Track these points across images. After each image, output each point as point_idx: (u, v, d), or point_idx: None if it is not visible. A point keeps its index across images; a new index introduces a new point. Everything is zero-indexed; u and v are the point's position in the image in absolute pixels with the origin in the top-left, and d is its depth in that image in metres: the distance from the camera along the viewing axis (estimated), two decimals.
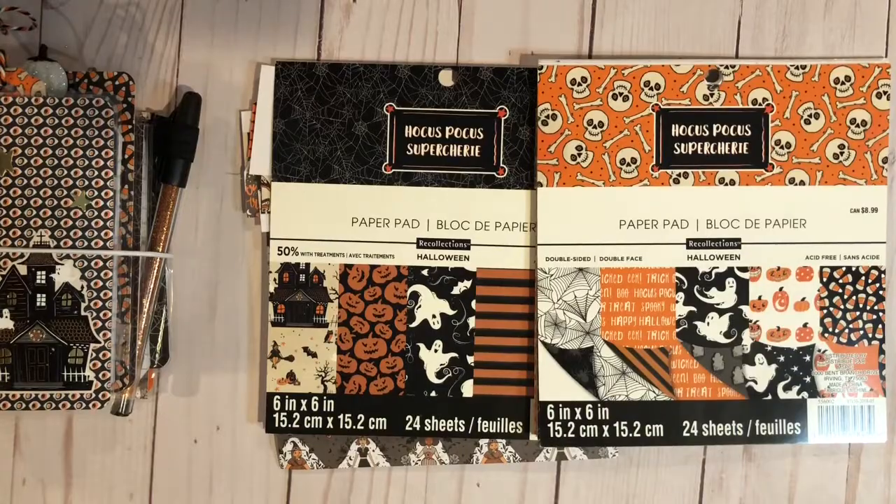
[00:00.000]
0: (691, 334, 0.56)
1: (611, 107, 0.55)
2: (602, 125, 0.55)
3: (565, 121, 0.55)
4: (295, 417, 0.56)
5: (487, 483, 0.57)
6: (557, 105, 0.55)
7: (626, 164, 0.55)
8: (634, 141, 0.55)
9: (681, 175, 0.55)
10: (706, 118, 0.56)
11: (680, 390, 0.55)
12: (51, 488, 0.57)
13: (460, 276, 0.57)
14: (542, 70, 0.56)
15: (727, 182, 0.56)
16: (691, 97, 0.56)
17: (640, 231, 0.55)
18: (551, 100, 0.56)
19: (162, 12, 0.58)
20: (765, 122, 0.56)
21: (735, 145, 0.56)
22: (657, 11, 0.58)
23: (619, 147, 0.55)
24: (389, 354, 0.56)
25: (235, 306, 0.57)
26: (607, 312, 0.55)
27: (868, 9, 0.58)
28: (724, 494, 0.57)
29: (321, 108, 0.57)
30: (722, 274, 0.56)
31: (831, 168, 0.56)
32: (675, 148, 0.56)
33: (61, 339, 0.53)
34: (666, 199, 0.56)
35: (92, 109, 0.53)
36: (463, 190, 0.57)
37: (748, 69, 0.56)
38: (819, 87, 0.56)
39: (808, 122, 0.55)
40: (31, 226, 0.53)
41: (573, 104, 0.55)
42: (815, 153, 0.56)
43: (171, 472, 0.57)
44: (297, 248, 0.56)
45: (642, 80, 0.55)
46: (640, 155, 0.55)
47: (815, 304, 0.56)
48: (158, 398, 0.57)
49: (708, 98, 0.56)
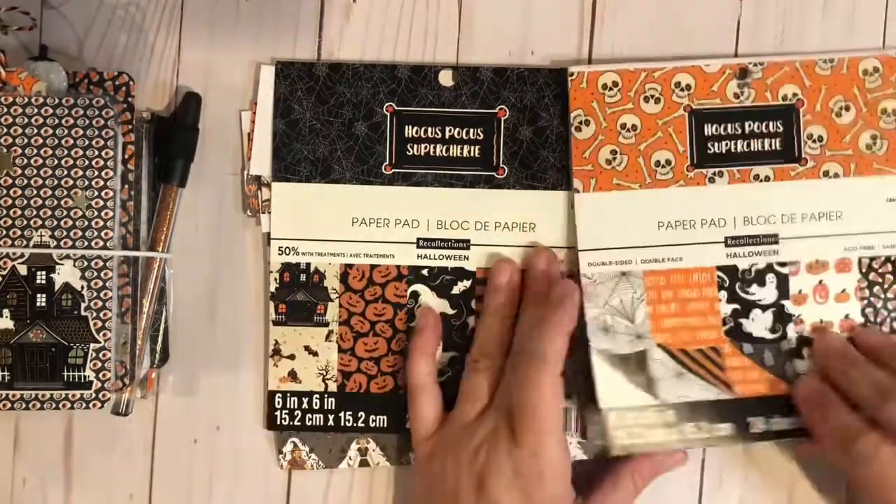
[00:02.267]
0: (738, 332, 0.55)
1: (643, 109, 0.55)
2: (635, 128, 0.55)
3: (598, 126, 0.55)
4: (296, 415, 0.56)
5: None
6: (590, 111, 0.55)
7: (661, 165, 0.55)
8: (668, 142, 0.56)
9: (716, 174, 0.55)
10: (738, 116, 0.56)
11: (738, 388, 0.55)
12: (51, 488, 0.57)
13: (460, 276, 0.57)
14: (573, 76, 0.56)
15: (762, 178, 0.56)
16: (722, 96, 0.56)
17: (678, 232, 0.55)
18: (584, 106, 0.56)
19: (162, 12, 0.58)
20: (796, 118, 0.56)
21: (768, 142, 0.56)
22: (657, 11, 0.58)
23: (653, 149, 0.55)
24: (390, 353, 0.56)
25: (235, 306, 0.57)
26: (655, 315, 0.55)
27: (866, 8, 0.58)
28: (723, 494, 0.57)
29: (321, 108, 0.57)
30: (762, 270, 0.56)
31: (865, 159, 0.56)
32: (709, 147, 0.56)
33: (61, 339, 0.53)
34: (702, 199, 0.56)
35: (92, 109, 0.53)
36: (463, 190, 0.57)
37: (777, 66, 0.56)
38: (848, 80, 0.56)
39: (840, 114, 0.56)
40: (31, 226, 0.53)
41: (605, 108, 0.55)
42: (847, 145, 0.56)
43: (171, 472, 0.57)
44: (298, 248, 0.56)
45: (673, 82, 0.55)
46: (674, 156, 0.55)
47: (855, 295, 0.56)
48: (158, 398, 0.57)
49: (738, 96, 0.56)
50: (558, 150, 0.56)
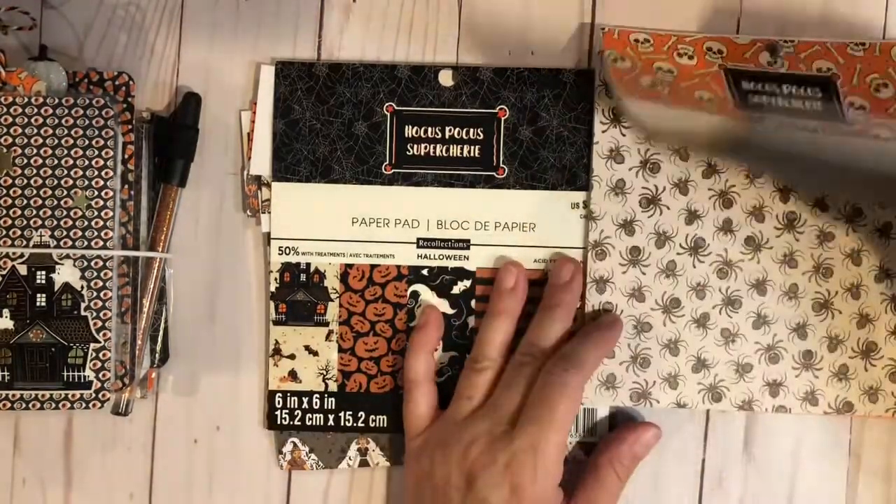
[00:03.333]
0: None
1: (677, 62, 0.55)
2: (672, 72, 0.55)
3: (634, 64, 0.55)
4: (296, 415, 0.56)
5: None
6: (625, 53, 0.55)
7: (704, 100, 0.54)
8: (707, 87, 0.55)
9: (758, 121, 0.54)
10: (776, 78, 0.55)
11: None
12: (51, 488, 0.57)
13: (460, 276, 0.57)
14: (605, 30, 0.56)
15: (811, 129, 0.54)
16: (755, 63, 0.55)
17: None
18: (617, 48, 0.55)
19: (162, 12, 0.58)
20: (834, 88, 0.55)
21: (810, 103, 0.55)
22: (657, 11, 0.58)
23: (693, 88, 0.55)
24: (390, 353, 0.56)
25: (236, 306, 0.57)
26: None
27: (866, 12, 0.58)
28: (723, 494, 0.57)
29: (321, 108, 0.57)
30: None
31: None
32: (750, 98, 0.55)
33: (61, 339, 0.53)
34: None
35: (92, 109, 0.53)
36: (463, 190, 0.57)
37: (807, 44, 0.55)
38: (882, 61, 0.55)
39: (878, 90, 0.55)
40: (31, 226, 0.53)
41: (640, 56, 0.55)
42: (892, 115, 0.54)
43: (171, 472, 0.57)
44: (298, 248, 0.56)
45: (705, 46, 0.55)
46: (716, 97, 0.54)
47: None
48: (158, 398, 0.57)
49: (772, 65, 0.55)
50: (558, 150, 0.56)
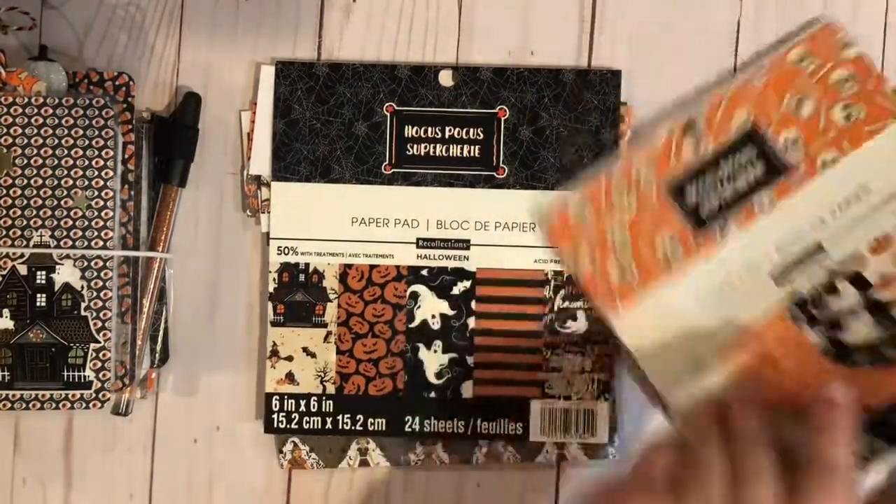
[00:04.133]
0: None
1: (623, 207, 0.56)
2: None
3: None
4: (294, 418, 0.56)
5: (487, 483, 0.57)
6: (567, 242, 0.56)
7: (667, 246, 0.55)
8: (660, 224, 0.56)
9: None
10: (711, 164, 0.56)
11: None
12: (51, 488, 0.57)
13: (460, 277, 0.57)
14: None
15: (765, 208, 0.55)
16: (681, 160, 0.56)
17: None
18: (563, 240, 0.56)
19: (162, 12, 0.58)
20: (759, 138, 0.55)
21: (749, 170, 0.55)
22: (657, 11, 0.57)
23: (650, 234, 0.56)
24: (389, 355, 0.56)
25: (235, 306, 0.57)
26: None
27: (867, 8, 0.58)
28: None
29: (321, 108, 0.57)
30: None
31: (854, 130, 0.55)
32: (701, 209, 0.55)
33: (61, 339, 0.53)
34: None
35: (92, 109, 0.53)
36: (463, 190, 0.57)
37: (717, 97, 0.55)
38: (790, 73, 0.56)
39: (799, 108, 0.55)
40: (31, 226, 0.53)
41: (584, 231, 0.57)
42: (826, 131, 0.55)
43: (171, 472, 0.57)
44: (297, 248, 0.56)
45: (633, 171, 0.55)
46: (675, 233, 0.55)
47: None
48: (158, 398, 0.57)
49: (697, 148, 0.55)
50: (558, 150, 0.56)
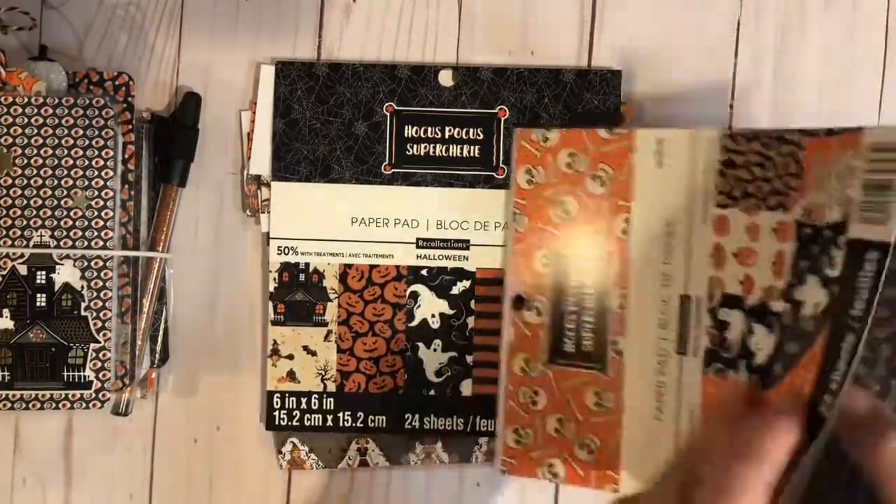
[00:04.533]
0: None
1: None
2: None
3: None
4: (295, 415, 0.56)
5: (487, 483, 0.57)
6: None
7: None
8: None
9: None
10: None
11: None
12: (51, 488, 0.57)
13: (459, 276, 0.57)
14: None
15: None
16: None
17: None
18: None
19: (162, 12, 0.58)
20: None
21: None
22: (656, 10, 0.58)
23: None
24: (389, 353, 0.56)
25: (235, 306, 0.57)
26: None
27: (867, 7, 0.58)
28: None
29: (321, 108, 0.57)
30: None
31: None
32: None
33: (61, 339, 0.53)
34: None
35: (92, 109, 0.53)
36: (463, 190, 0.57)
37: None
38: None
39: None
40: (31, 226, 0.53)
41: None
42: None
43: (171, 472, 0.57)
44: (297, 248, 0.56)
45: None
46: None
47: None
48: (158, 398, 0.57)
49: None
50: None
